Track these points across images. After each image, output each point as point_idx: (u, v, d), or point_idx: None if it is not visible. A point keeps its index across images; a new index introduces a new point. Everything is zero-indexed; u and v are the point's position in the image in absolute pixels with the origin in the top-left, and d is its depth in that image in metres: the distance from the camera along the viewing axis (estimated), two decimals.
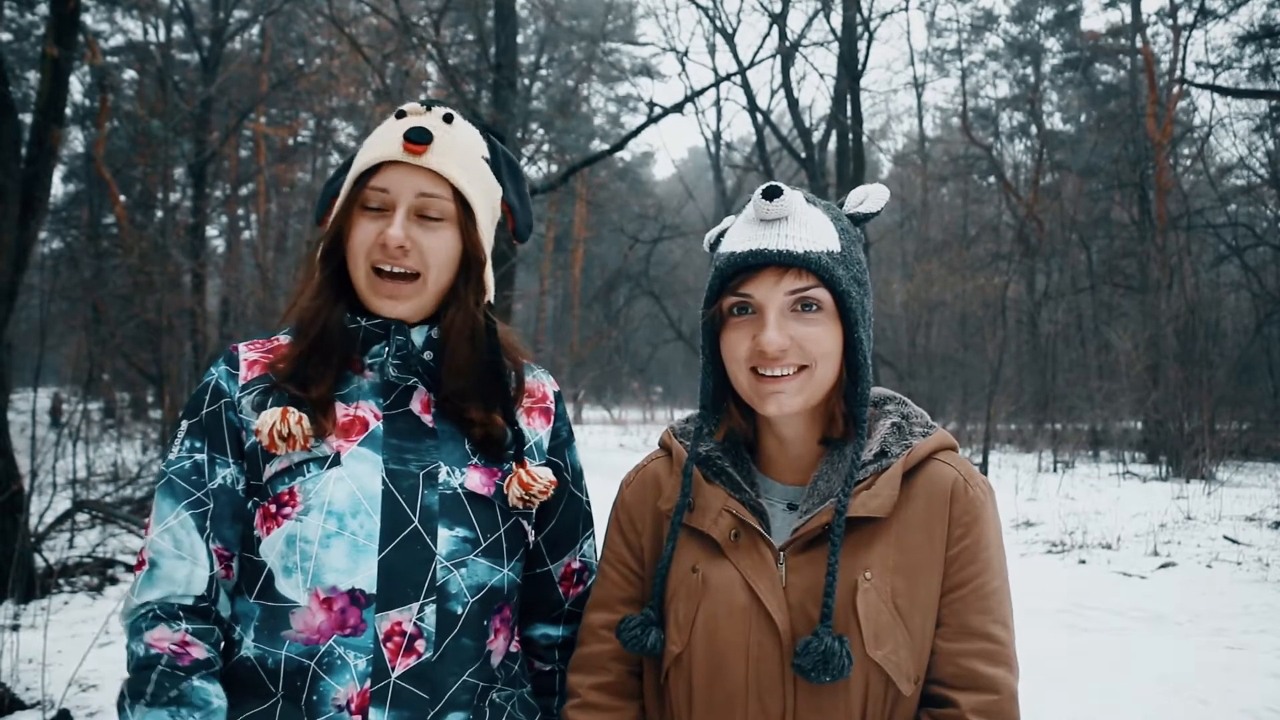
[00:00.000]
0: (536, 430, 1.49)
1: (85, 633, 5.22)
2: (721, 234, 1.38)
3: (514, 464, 1.41)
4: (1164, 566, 7.81)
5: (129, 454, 12.29)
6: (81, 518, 7.77)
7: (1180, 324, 16.95)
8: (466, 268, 1.39)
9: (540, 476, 1.41)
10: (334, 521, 1.28)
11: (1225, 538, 8.85)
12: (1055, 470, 15.80)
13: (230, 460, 1.34)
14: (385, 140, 1.35)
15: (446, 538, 1.32)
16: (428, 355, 1.38)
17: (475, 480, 1.37)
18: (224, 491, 1.32)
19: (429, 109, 1.40)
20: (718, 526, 1.31)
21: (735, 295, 1.27)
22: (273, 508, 1.30)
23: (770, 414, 1.28)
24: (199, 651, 1.26)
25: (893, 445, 1.31)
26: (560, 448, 1.52)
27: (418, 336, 1.38)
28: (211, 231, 24.13)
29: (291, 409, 1.29)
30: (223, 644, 1.33)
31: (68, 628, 5.39)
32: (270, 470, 1.31)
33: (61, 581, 6.38)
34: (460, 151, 1.39)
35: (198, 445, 1.34)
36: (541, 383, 1.54)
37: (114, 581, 6.66)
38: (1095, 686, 4.74)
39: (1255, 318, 20.64)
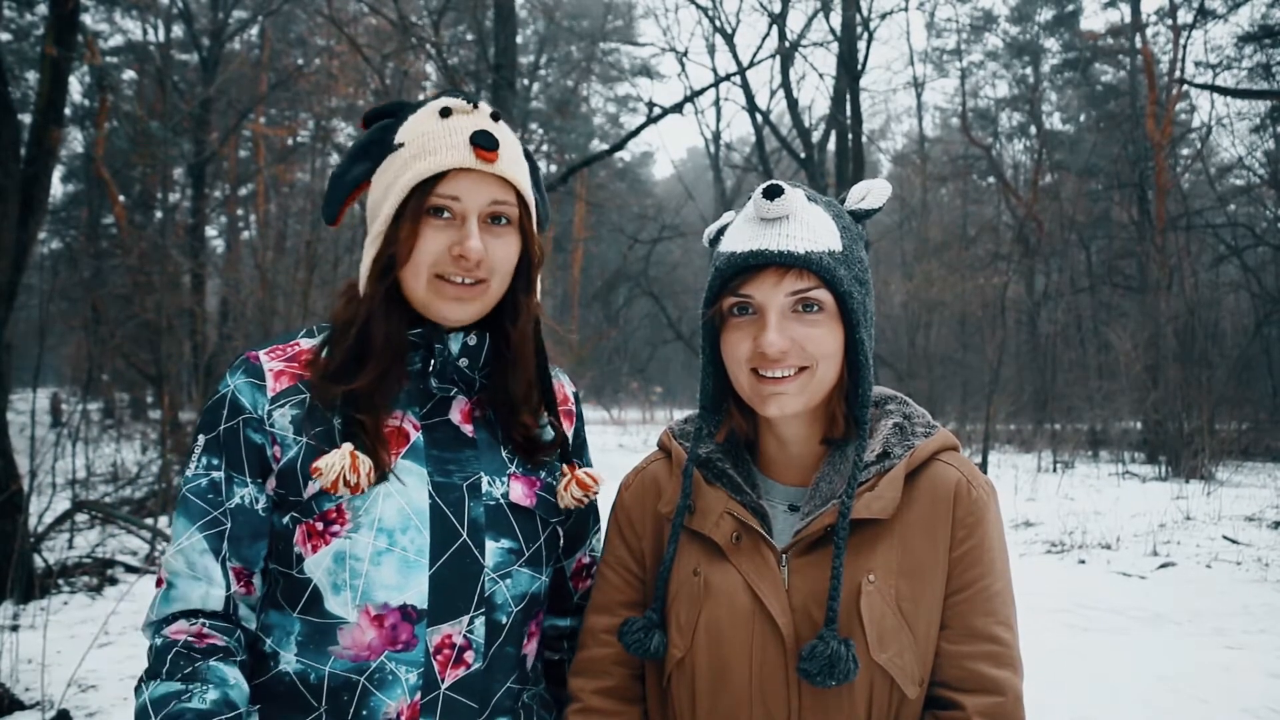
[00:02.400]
0: (565, 430, 1.51)
1: (84, 633, 5.22)
2: (721, 230, 1.37)
3: (565, 466, 1.44)
4: (1163, 566, 7.81)
5: (128, 454, 12.29)
6: (81, 518, 7.77)
7: (1180, 324, 16.95)
8: (527, 271, 1.38)
9: (597, 478, 1.44)
10: (384, 538, 1.26)
11: (1225, 538, 8.85)
12: (1055, 470, 15.79)
13: (249, 479, 1.29)
14: (450, 145, 1.29)
15: (493, 550, 1.32)
16: (463, 363, 1.36)
17: (518, 491, 1.37)
18: (242, 511, 1.28)
19: (475, 107, 1.35)
20: (719, 529, 1.30)
21: (735, 296, 1.26)
22: (319, 525, 1.26)
23: (771, 415, 1.27)
24: (217, 640, 1.24)
25: (895, 446, 1.30)
26: (579, 449, 1.55)
27: (454, 345, 1.35)
28: (211, 232, 24.14)
29: (361, 456, 1.23)
30: (248, 651, 1.30)
31: (67, 628, 5.38)
32: (313, 487, 1.27)
33: (61, 582, 6.38)
34: (517, 152, 1.37)
35: (214, 463, 1.28)
36: (562, 384, 1.55)
37: (113, 582, 6.66)
38: (1095, 686, 4.74)
39: (1255, 318, 20.63)
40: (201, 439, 1.30)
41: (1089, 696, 4.57)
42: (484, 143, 1.28)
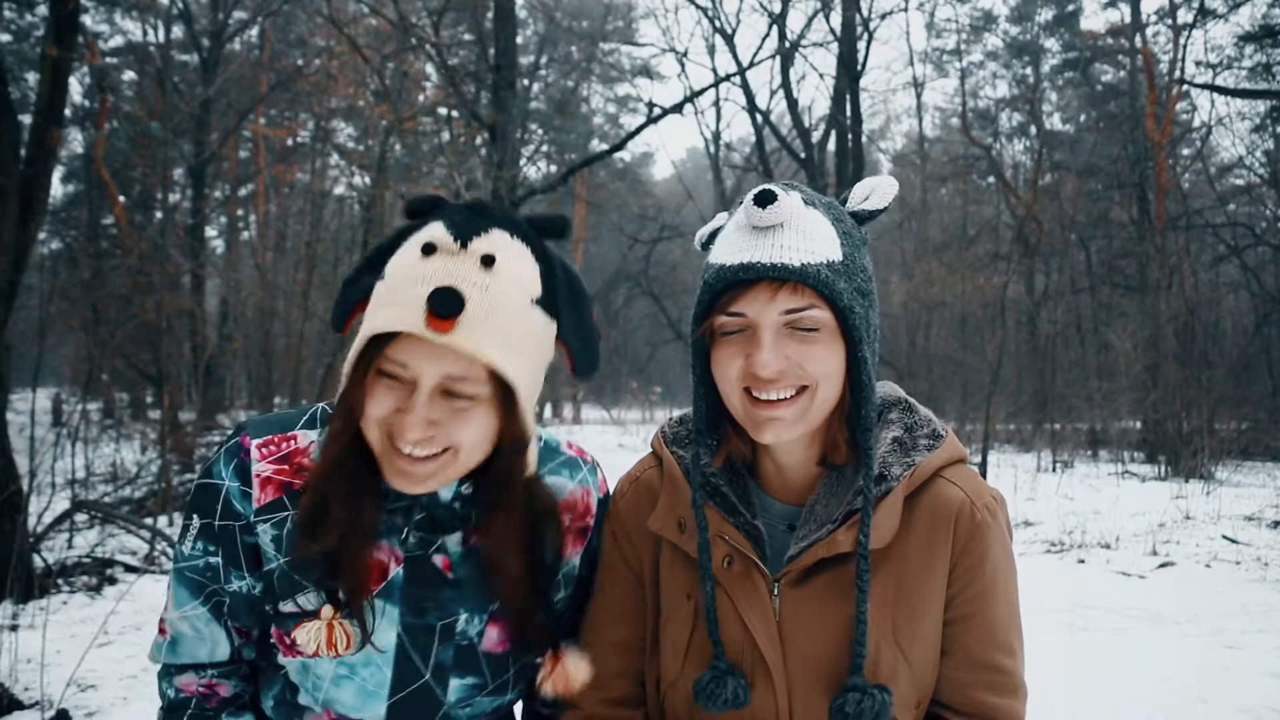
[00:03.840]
0: (570, 559, 1.37)
1: (84, 633, 5.22)
2: (713, 234, 1.29)
3: (551, 654, 1.30)
4: (1163, 566, 7.81)
5: (128, 454, 12.28)
6: (80, 518, 7.77)
7: (1179, 324, 16.95)
8: (508, 453, 1.18)
9: (579, 672, 1.29)
10: (345, 667, 1.26)
11: (1224, 537, 8.84)
12: (1054, 470, 15.78)
13: (245, 573, 1.28)
14: (407, 300, 1.08)
15: (456, 686, 1.30)
16: (456, 505, 1.27)
17: (493, 638, 1.31)
18: (239, 596, 1.29)
19: (464, 246, 1.11)
20: (711, 553, 1.26)
21: (726, 314, 1.16)
22: (288, 640, 1.26)
23: (767, 442, 1.20)
24: (225, 690, 1.30)
25: (893, 465, 1.22)
26: (589, 553, 1.41)
27: (445, 493, 1.26)
28: (211, 232, 24.13)
29: (338, 628, 1.21)
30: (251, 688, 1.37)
31: (66, 628, 5.38)
32: (286, 607, 1.27)
33: (60, 582, 6.37)
34: (502, 314, 1.10)
35: (211, 549, 1.26)
36: (585, 489, 1.38)
37: (113, 582, 6.66)
38: (1095, 686, 4.73)
39: (1254, 318, 20.62)
40: (196, 521, 1.26)
41: (1089, 696, 4.56)
42: (441, 310, 1.05)
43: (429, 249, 1.11)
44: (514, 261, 1.14)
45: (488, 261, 1.11)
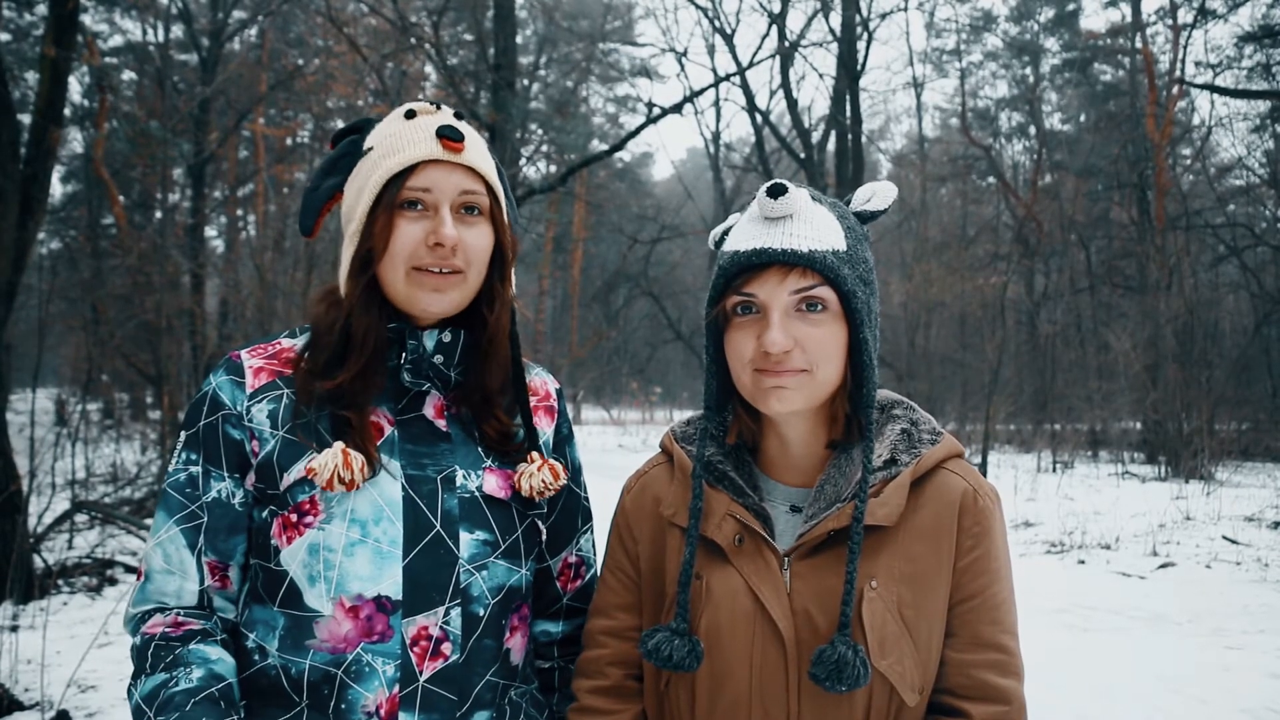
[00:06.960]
0: (544, 429, 1.50)
1: (84, 633, 5.22)
2: (726, 232, 1.36)
3: (534, 454, 1.41)
4: (1163, 567, 7.81)
5: (128, 454, 12.29)
6: (80, 518, 7.77)
7: (1179, 324, 16.94)
8: (502, 262, 1.39)
9: (564, 472, 1.43)
10: (357, 529, 1.27)
11: (1224, 538, 8.85)
12: (1054, 470, 15.78)
13: (226, 474, 1.32)
14: (417, 140, 1.32)
15: (468, 541, 1.32)
16: (438, 359, 1.36)
17: (492, 483, 1.37)
18: (219, 505, 1.31)
19: (438, 108, 1.39)
20: (721, 532, 1.30)
21: (739, 295, 1.25)
22: (293, 517, 1.28)
23: (773, 411, 1.26)
24: (193, 624, 1.29)
25: (902, 453, 1.30)
26: (561, 444, 1.54)
27: (429, 341, 1.35)
28: (210, 232, 24.12)
29: (353, 453, 1.25)
30: (230, 645, 1.33)
31: (66, 628, 5.38)
32: (288, 479, 1.29)
33: (60, 582, 6.37)
34: (482, 147, 1.40)
35: (193, 458, 1.32)
36: (544, 380, 1.56)
37: (113, 582, 6.66)
38: (1095, 686, 4.74)
39: (1254, 318, 20.62)
40: (183, 435, 1.35)
41: (1089, 696, 4.57)
42: (450, 134, 1.32)
43: (410, 114, 1.36)
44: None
45: (459, 115, 1.39)
